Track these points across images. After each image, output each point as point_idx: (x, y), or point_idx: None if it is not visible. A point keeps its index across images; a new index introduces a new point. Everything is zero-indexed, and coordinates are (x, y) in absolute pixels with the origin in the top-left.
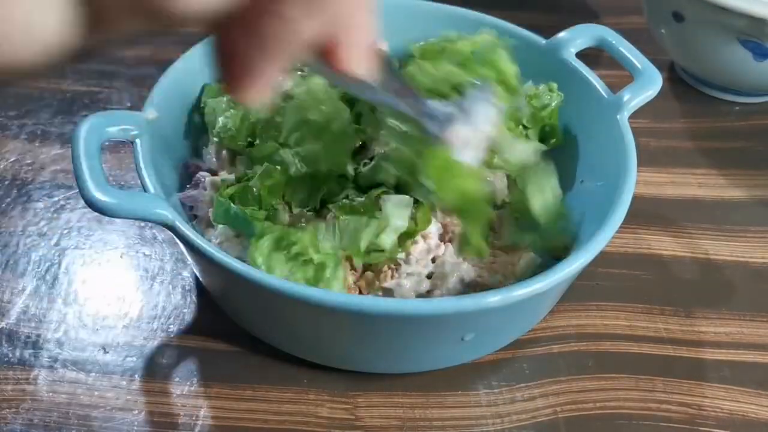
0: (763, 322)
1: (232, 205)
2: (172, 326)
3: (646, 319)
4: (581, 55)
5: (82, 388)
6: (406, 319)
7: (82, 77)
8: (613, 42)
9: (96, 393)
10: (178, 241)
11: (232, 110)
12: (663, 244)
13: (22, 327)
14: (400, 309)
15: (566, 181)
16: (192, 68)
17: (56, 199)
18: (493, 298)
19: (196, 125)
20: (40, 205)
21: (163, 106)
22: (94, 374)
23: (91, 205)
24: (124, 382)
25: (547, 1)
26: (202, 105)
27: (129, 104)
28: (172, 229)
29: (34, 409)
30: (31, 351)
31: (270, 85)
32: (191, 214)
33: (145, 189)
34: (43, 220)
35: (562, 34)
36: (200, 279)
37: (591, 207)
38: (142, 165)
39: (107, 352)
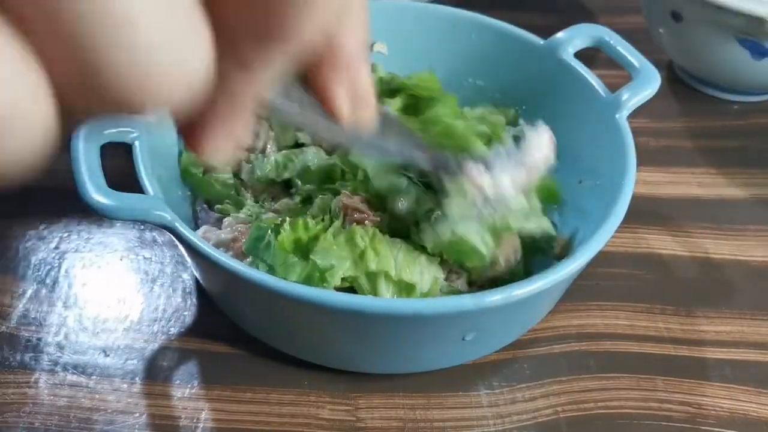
0: (764, 321)
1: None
2: (172, 329)
3: (646, 318)
4: (579, 55)
5: (83, 392)
6: (406, 319)
7: None
8: (611, 42)
9: (97, 396)
10: (177, 242)
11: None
12: (663, 244)
13: (23, 330)
14: (401, 309)
15: (565, 181)
16: None
17: (56, 201)
18: (493, 298)
19: None
20: (40, 207)
21: None
22: (94, 377)
23: (91, 207)
24: (125, 385)
25: (545, 2)
26: None
27: None
28: (171, 230)
29: (35, 413)
30: (31, 354)
31: (237, 142)
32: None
33: (144, 191)
34: (42, 223)
35: (560, 35)
36: (200, 281)
37: (590, 207)
38: (141, 167)
39: (108, 355)
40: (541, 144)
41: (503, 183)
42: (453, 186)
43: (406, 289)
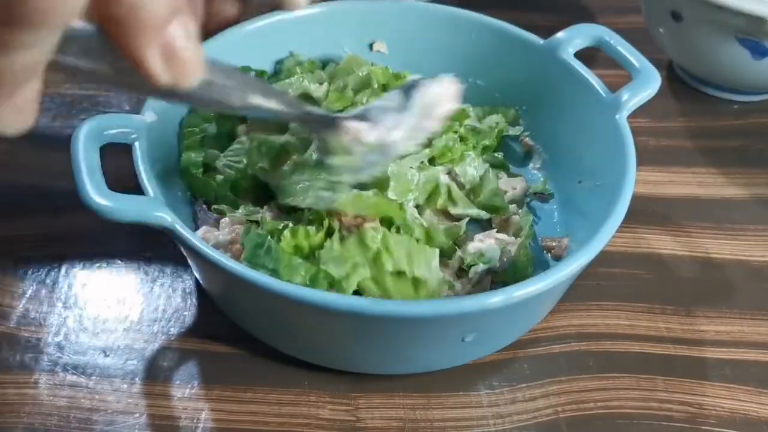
0: (764, 321)
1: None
2: (172, 329)
3: (646, 318)
4: (579, 55)
5: (83, 392)
6: (406, 321)
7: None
8: (612, 42)
9: (97, 396)
10: (177, 243)
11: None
12: (663, 244)
13: (23, 331)
14: (401, 310)
15: (565, 181)
16: None
17: (56, 202)
18: (493, 299)
19: None
20: (40, 208)
21: (161, 108)
22: (94, 378)
23: (90, 208)
24: (125, 386)
25: (545, 2)
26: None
27: (128, 107)
28: (171, 232)
29: (35, 413)
30: (31, 355)
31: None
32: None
33: (144, 192)
34: (42, 224)
35: (560, 34)
36: (200, 282)
37: (590, 207)
38: (140, 168)
39: (108, 356)
40: (443, 96)
41: (390, 136)
42: (335, 143)
43: (417, 285)
